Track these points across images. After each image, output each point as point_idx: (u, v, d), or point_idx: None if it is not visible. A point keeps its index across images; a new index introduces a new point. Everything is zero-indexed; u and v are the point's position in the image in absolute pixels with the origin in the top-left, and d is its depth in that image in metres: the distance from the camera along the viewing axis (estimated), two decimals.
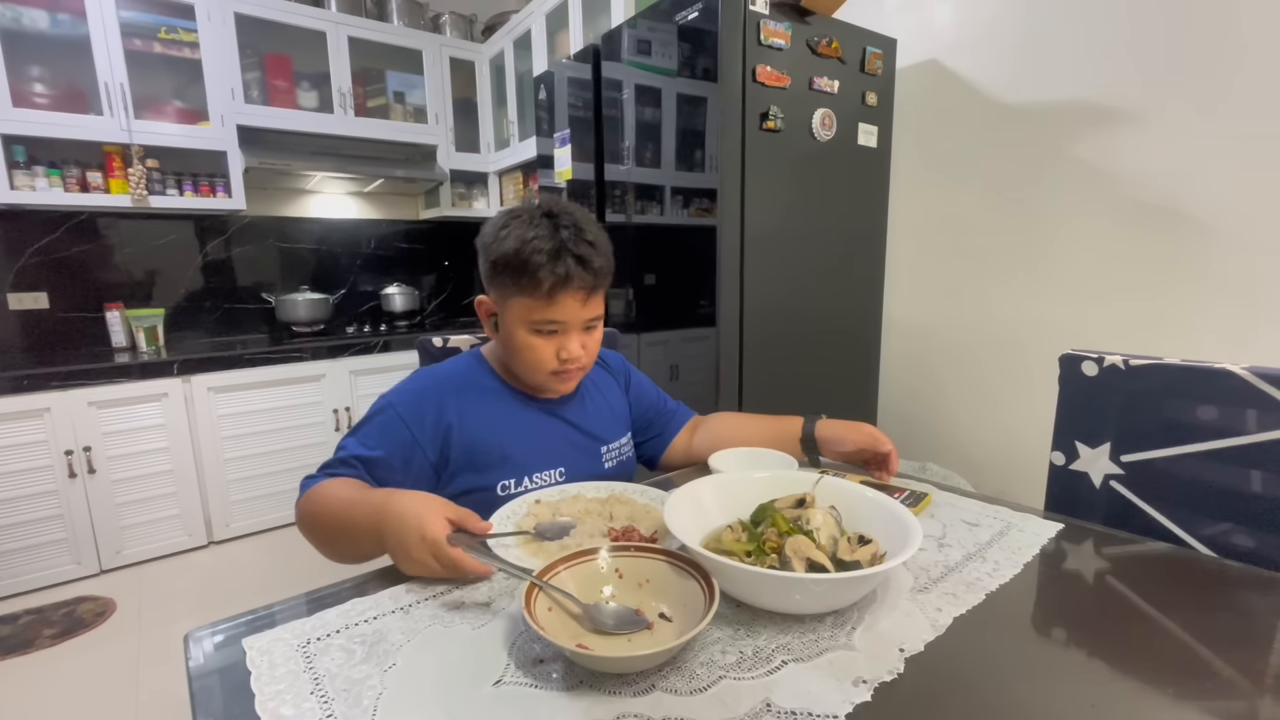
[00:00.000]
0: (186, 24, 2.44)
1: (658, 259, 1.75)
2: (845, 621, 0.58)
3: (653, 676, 0.51)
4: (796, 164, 1.62)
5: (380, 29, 2.88)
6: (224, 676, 0.54)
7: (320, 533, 0.76)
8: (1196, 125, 1.36)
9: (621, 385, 1.08)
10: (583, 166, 2.01)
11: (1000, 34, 1.67)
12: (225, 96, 2.51)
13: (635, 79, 1.74)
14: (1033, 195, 1.65)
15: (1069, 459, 0.99)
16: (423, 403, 0.87)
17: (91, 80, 2.28)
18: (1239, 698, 0.49)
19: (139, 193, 2.39)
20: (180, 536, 2.34)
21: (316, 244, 3.10)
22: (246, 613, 0.62)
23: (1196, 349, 1.39)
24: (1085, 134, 1.54)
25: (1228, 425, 0.83)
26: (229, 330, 2.89)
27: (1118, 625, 0.59)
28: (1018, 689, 0.50)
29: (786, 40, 1.53)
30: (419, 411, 0.86)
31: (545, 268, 0.80)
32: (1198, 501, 0.86)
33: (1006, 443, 1.78)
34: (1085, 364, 0.97)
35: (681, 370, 1.72)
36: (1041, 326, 1.67)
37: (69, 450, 2.09)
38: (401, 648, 0.55)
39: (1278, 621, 0.60)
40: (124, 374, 2.18)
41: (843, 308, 1.83)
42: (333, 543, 0.75)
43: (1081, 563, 0.73)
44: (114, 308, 2.55)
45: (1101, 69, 1.49)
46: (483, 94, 3.22)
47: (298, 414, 2.56)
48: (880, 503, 0.69)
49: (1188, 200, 1.39)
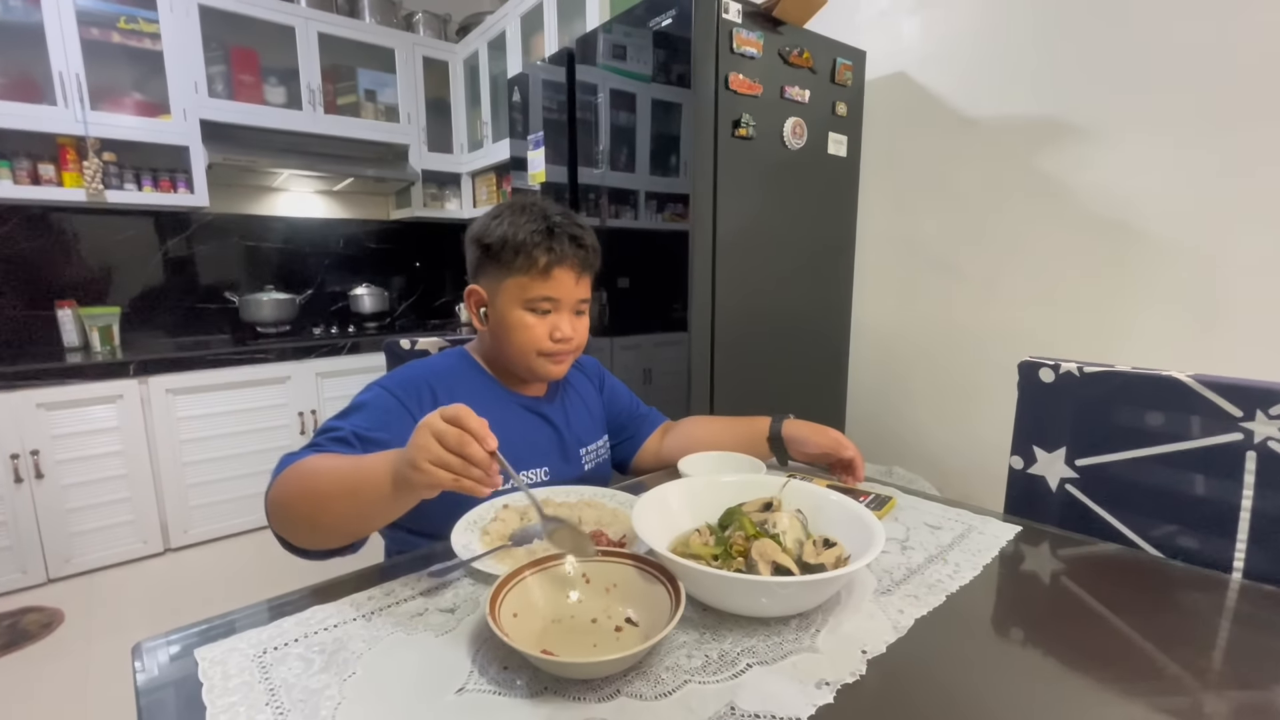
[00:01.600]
0: (147, 14, 2.36)
1: (631, 263, 1.76)
2: (810, 624, 0.59)
3: (618, 681, 0.51)
4: (768, 171, 1.64)
5: (351, 26, 2.84)
6: (176, 689, 0.52)
7: (312, 500, 0.67)
8: (1144, 142, 1.42)
9: (596, 387, 1.10)
10: (556, 169, 2.00)
11: (965, 50, 1.72)
12: (188, 90, 2.44)
13: (610, 83, 1.74)
14: (995, 206, 1.70)
15: (1027, 463, 1.02)
16: (419, 390, 0.86)
17: (45, 69, 2.19)
18: (1184, 694, 0.50)
19: (94, 187, 2.30)
20: (134, 543, 2.26)
21: (283, 243, 3.02)
22: (201, 621, 0.60)
23: (1146, 356, 1.44)
24: (1043, 148, 1.59)
25: (1174, 430, 0.86)
26: (190, 330, 2.80)
27: (1071, 625, 0.61)
28: (976, 688, 0.52)
29: (759, 49, 1.55)
30: (418, 397, 0.85)
31: (541, 245, 0.85)
32: (1146, 504, 0.90)
33: (970, 447, 1.82)
34: (1042, 370, 1.00)
35: (654, 374, 1.73)
36: (1003, 334, 1.72)
37: (15, 454, 2.00)
38: (362, 656, 0.54)
39: (1219, 620, 0.63)
40: (76, 374, 2.10)
41: (812, 313, 1.86)
42: (326, 509, 0.66)
43: (1038, 564, 0.75)
44: (66, 305, 2.45)
45: (1058, 86, 1.54)
46: (456, 94, 3.19)
47: (262, 417, 2.49)
48: (845, 506, 0.70)
49: (1136, 214, 1.45)
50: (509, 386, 0.95)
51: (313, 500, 0.67)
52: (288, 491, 0.68)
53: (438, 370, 0.91)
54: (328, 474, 0.67)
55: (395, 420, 0.81)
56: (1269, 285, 1.28)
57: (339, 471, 0.66)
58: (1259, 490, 0.80)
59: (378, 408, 0.82)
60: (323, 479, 0.67)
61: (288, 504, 0.68)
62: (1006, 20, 1.63)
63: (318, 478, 0.67)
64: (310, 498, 0.67)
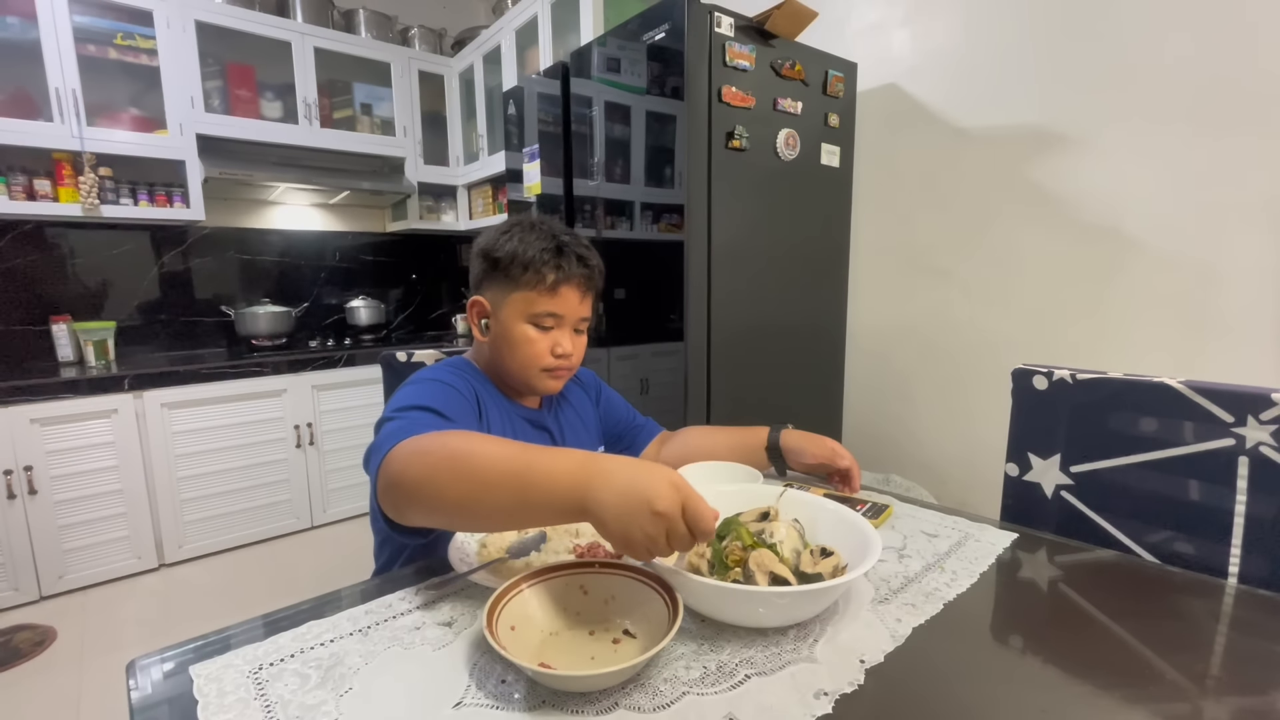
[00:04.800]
0: (144, 30, 2.38)
1: (627, 273, 1.76)
2: (808, 634, 0.59)
3: (616, 694, 0.51)
4: (762, 182, 1.66)
5: (347, 41, 2.86)
6: (170, 707, 0.51)
7: (474, 482, 0.59)
8: (1133, 149, 1.44)
9: (593, 399, 1.10)
10: (552, 181, 2.01)
11: (954, 61, 1.74)
12: (184, 105, 2.45)
13: (604, 96, 1.76)
14: (987, 215, 1.72)
15: (1022, 470, 1.03)
16: (463, 382, 0.88)
17: (41, 85, 2.20)
18: (1182, 700, 0.51)
19: (90, 202, 2.30)
20: (128, 560, 2.24)
21: (279, 256, 3.03)
22: (196, 638, 0.60)
23: (1137, 363, 1.46)
24: (1034, 156, 1.61)
25: (1167, 437, 0.87)
26: (185, 344, 2.79)
27: (1069, 632, 0.61)
28: (974, 697, 0.52)
29: (751, 62, 1.56)
30: (470, 388, 0.87)
31: (550, 263, 0.86)
32: (1141, 510, 0.90)
33: (967, 454, 1.83)
34: (1036, 378, 1.00)
35: (651, 384, 1.73)
36: (997, 341, 1.73)
37: (8, 470, 1.98)
38: (359, 671, 0.54)
39: (1216, 625, 0.63)
40: (70, 389, 2.09)
41: (808, 322, 1.86)
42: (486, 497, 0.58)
43: (1035, 571, 0.75)
44: (61, 320, 2.44)
45: (1047, 95, 1.57)
46: (452, 108, 3.21)
47: (257, 430, 2.48)
48: (842, 515, 0.71)
49: (1127, 221, 1.46)
50: (508, 397, 0.96)
51: (474, 482, 0.58)
52: (434, 460, 0.61)
53: (460, 372, 0.92)
54: (490, 457, 0.59)
55: (465, 409, 0.82)
56: (1259, 291, 1.29)
57: (504, 460, 0.59)
58: (1252, 495, 0.80)
59: (447, 396, 0.81)
60: (484, 459, 0.59)
61: (431, 479, 0.60)
62: (995, 31, 1.65)
63: (475, 458, 0.59)
64: (471, 479, 0.59)
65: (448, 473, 0.60)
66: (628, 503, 0.53)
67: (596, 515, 0.54)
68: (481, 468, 0.59)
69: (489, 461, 0.59)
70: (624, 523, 0.53)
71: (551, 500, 0.56)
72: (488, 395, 0.92)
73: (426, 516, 0.63)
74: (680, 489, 0.54)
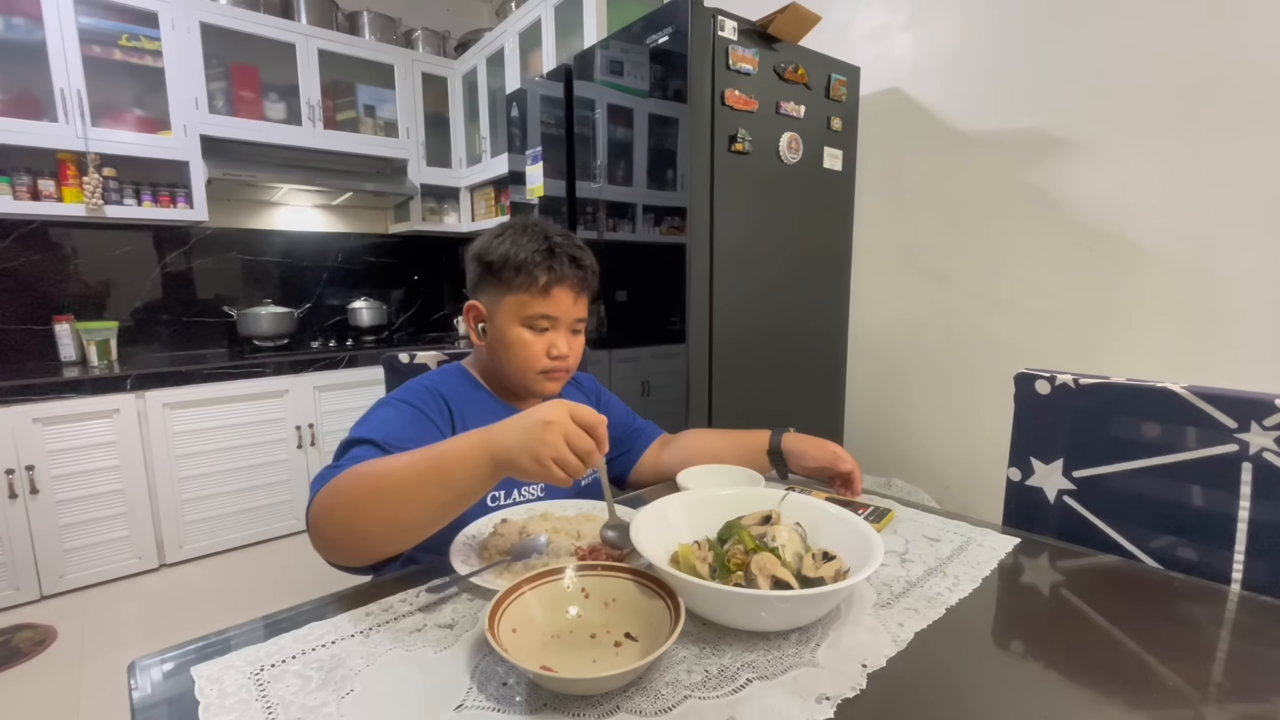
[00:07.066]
0: (149, 32, 2.39)
1: (629, 276, 1.77)
2: (809, 638, 0.59)
3: (617, 698, 0.50)
4: (764, 185, 1.66)
5: (351, 43, 2.87)
6: (171, 707, 0.51)
7: (394, 495, 0.63)
8: (1135, 153, 1.44)
9: (592, 403, 1.09)
10: (554, 183, 2.02)
11: (957, 65, 1.75)
12: (188, 106, 2.46)
13: (607, 98, 1.76)
14: (990, 219, 1.72)
15: (1025, 475, 1.02)
16: (435, 399, 0.87)
17: (47, 86, 2.21)
18: (1185, 706, 0.50)
19: (94, 202, 2.31)
20: (129, 559, 2.24)
21: (281, 257, 3.03)
22: (197, 639, 0.60)
23: (1141, 367, 1.45)
24: (1036, 162, 1.61)
25: (1170, 442, 0.87)
26: (187, 344, 2.80)
27: (1071, 637, 0.60)
28: (976, 702, 0.52)
29: (754, 66, 1.57)
30: (436, 406, 0.87)
31: (542, 265, 0.86)
32: (1144, 515, 0.90)
33: (969, 458, 1.82)
34: (1039, 382, 1.00)
35: (652, 387, 1.73)
36: (1000, 345, 1.73)
37: (10, 469, 1.99)
38: (360, 673, 0.54)
39: (1219, 631, 0.63)
40: (72, 389, 2.09)
41: (810, 326, 1.86)
42: (414, 500, 0.62)
43: (1037, 576, 0.75)
44: (64, 320, 2.45)
45: (1049, 99, 1.57)
46: (455, 110, 3.22)
47: (259, 431, 2.48)
48: (844, 519, 0.70)
49: (1129, 225, 1.46)
50: (506, 402, 0.96)
51: (395, 495, 0.62)
52: (353, 497, 0.64)
53: (442, 385, 0.91)
54: (403, 469, 0.63)
55: (420, 428, 0.81)
56: (1262, 296, 1.29)
57: (417, 464, 0.63)
58: (1255, 501, 0.80)
59: (401, 418, 0.81)
60: (399, 473, 0.63)
61: (356, 508, 0.64)
62: (998, 36, 1.65)
63: (391, 474, 0.63)
64: (390, 494, 0.63)
65: (370, 497, 0.63)
66: (523, 433, 0.60)
67: (506, 459, 0.60)
68: (398, 480, 0.63)
69: (402, 472, 0.63)
70: (528, 450, 0.59)
71: (471, 471, 0.61)
72: (479, 403, 0.92)
73: (356, 549, 0.66)
74: (564, 404, 0.61)
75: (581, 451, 0.60)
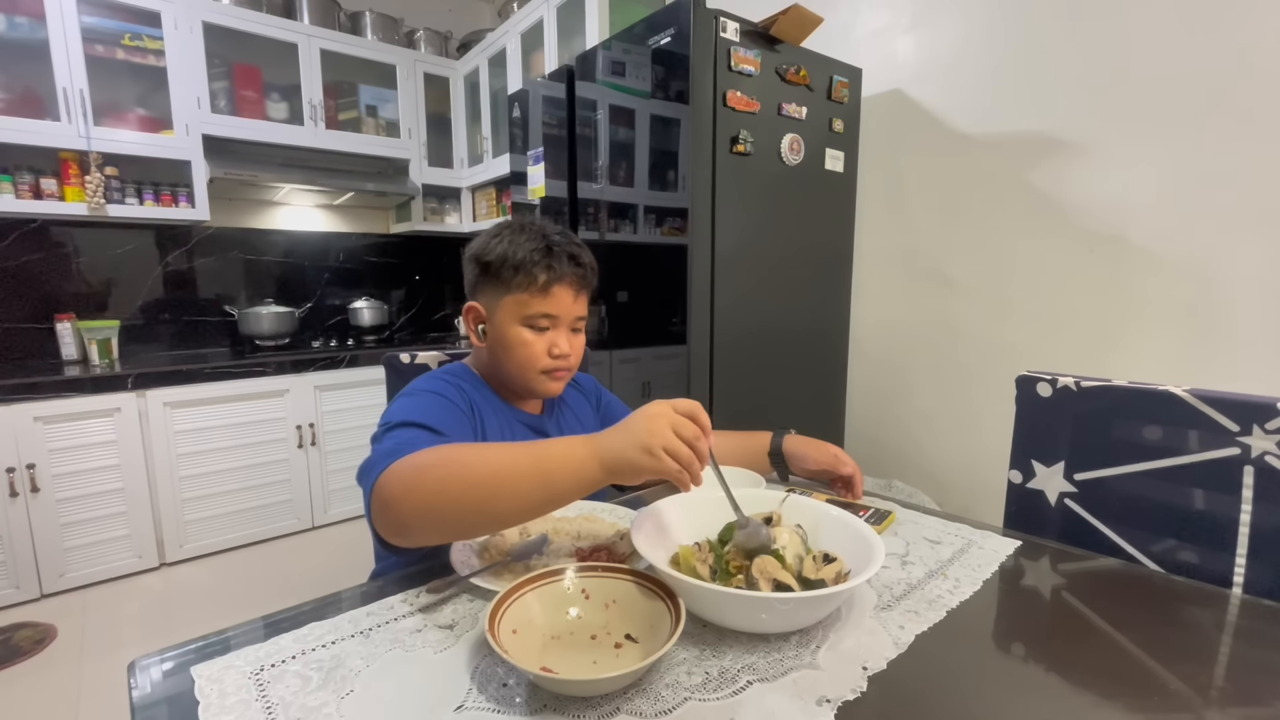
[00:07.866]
0: (152, 31, 2.39)
1: (630, 276, 1.77)
2: (810, 640, 0.58)
3: (618, 699, 0.50)
4: (766, 186, 1.66)
5: (353, 43, 2.87)
6: (170, 706, 0.51)
7: (489, 485, 0.61)
8: (1137, 156, 1.43)
9: (593, 405, 1.10)
10: (556, 184, 2.02)
11: (959, 67, 1.74)
12: (191, 105, 2.46)
13: (609, 99, 1.76)
14: (991, 222, 1.72)
15: (1026, 477, 1.02)
16: (459, 394, 0.87)
17: (49, 85, 2.21)
18: (1186, 710, 0.50)
19: (96, 201, 2.31)
20: (129, 558, 2.24)
21: (283, 256, 3.04)
22: (197, 639, 0.60)
23: (1143, 370, 1.45)
24: (1038, 164, 1.61)
25: (1171, 445, 0.87)
26: (188, 343, 2.80)
27: (1072, 640, 0.60)
28: (977, 705, 0.51)
29: (756, 67, 1.57)
30: (464, 400, 0.87)
31: (540, 264, 0.86)
32: (1145, 518, 0.90)
33: (970, 461, 1.82)
34: (1040, 385, 1.00)
35: (653, 388, 1.73)
36: (1001, 347, 1.72)
37: (10, 468, 1.99)
38: (360, 673, 0.54)
39: (1220, 635, 0.63)
40: (73, 388, 2.09)
41: (811, 327, 1.86)
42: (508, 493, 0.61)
43: (1038, 579, 0.75)
44: (65, 319, 2.45)
45: (1051, 101, 1.56)
46: (457, 110, 3.22)
47: (259, 430, 2.48)
48: (845, 521, 0.70)
49: (1131, 227, 1.46)
50: (508, 402, 0.96)
51: (489, 485, 0.61)
52: (437, 475, 0.62)
53: (463, 380, 0.91)
54: (500, 460, 0.62)
55: (457, 420, 0.81)
56: (1264, 299, 1.29)
57: (518, 459, 0.62)
58: (1257, 504, 0.80)
59: (438, 409, 0.80)
60: (495, 464, 0.62)
61: (439, 487, 0.61)
62: (1000, 38, 1.65)
63: (486, 464, 0.62)
64: (485, 483, 0.61)
65: (460, 481, 0.61)
66: (629, 431, 0.61)
67: (615, 458, 0.60)
68: (495, 470, 0.62)
69: (500, 464, 0.62)
70: (638, 444, 0.60)
71: (577, 474, 0.61)
72: (485, 402, 0.92)
73: (433, 529, 0.63)
74: (663, 401, 0.63)
75: (688, 437, 0.61)
